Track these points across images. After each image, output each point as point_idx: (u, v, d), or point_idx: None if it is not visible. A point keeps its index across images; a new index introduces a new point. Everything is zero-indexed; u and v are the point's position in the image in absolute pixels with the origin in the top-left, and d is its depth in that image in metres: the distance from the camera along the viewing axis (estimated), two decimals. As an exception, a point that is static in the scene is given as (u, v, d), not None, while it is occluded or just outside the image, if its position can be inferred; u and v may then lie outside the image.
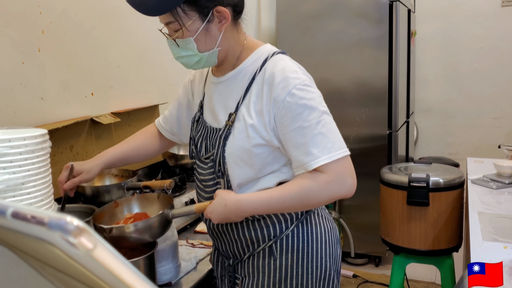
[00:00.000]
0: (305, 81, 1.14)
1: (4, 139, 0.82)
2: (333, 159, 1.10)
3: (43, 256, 0.36)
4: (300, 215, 1.26)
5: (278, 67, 1.16)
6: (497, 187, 2.18)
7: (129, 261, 0.32)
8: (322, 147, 1.10)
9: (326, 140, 1.10)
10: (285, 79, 1.13)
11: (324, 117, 1.12)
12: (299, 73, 1.15)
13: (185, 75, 2.61)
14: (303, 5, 3.27)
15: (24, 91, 1.67)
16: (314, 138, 1.10)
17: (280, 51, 1.24)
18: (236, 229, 1.27)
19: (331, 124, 1.13)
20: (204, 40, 1.15)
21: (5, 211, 0.31)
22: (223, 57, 1.22)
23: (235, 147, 1.19)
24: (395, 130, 3.16)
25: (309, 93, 1.13)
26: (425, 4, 4.03)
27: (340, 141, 1.13)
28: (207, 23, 1.13)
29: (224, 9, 1.13)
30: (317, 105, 1.12)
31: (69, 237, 0.29)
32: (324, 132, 1.11)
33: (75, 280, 0.36)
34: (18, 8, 1.63)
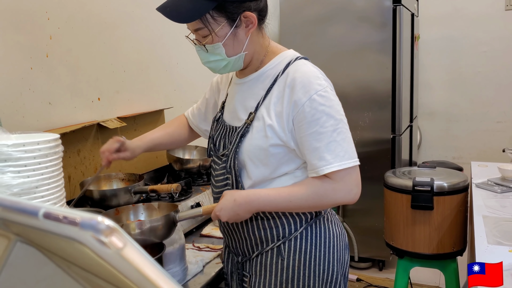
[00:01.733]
0: (326, 88, 1.17)
1: (19, 143, 0.84)
2: (344, 167, 1.14)
3: (70, 256, 0.37)
4: (309, 218, 1.29)
5: (301, 71, 1.20)
6: (502, 191, 2.19)
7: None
8: (335, 155, 1.14)
9: (340, 148, 1.15)
10: (307, 84, 1.16)
11: (340, 126, 1.16)
12: (321, 79, 1.19)
13: (190, 80, 2.63)
14: (306, 10, 3.29)
15: (33, 96, 1.69)
16: (328, 145, 1.14)
17: (303, 57, 1.28)
18: (246, 227, 1.30)
19: (346, 134, 1.18)
20: (232, 44, 1.20)
21: (38, 212, 0.32)
22: (249, 60, 1.27)
23: (252, 145, 1.23)
24: (399, 134, 3.17)
25: (329, 101, 1.16)
26: (429, 8, 4.05)
27: (352, 151, 1.18)
28: (235, 28, 1.18)
29: (252, 14, 1.19)
30: (335, 113, 1.16)
31: (100, 236, 0.30)
32: (339, 141, 1.15)
33: (101, 279, 0.37)
34: (26, 14, 1.65)
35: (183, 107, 2.61)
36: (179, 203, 1.89)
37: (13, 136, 0.96)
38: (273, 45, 1.31)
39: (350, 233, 3.28)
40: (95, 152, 1.92)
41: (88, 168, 1.89)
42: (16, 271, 0.39)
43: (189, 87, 2.66)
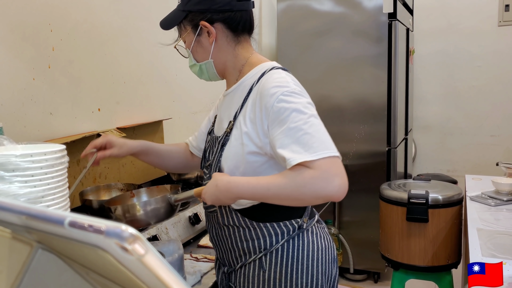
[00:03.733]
0: (294, 90, 1.18)
1: (27, 154, 0.86)
2: (320, 157, 1.09)
3: (90, 262, 0.39)
4: (292, 230, 1.29)
5: (271, 78, 1.22)
6: (496, 204, 2.22)
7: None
8: (309, 146, 1.10)
9: (314, 140, 1.11)
10: (274, 87, 1.18)
11: (311, 119, 1.14)
12: (290, 83, 1.19)
13: (189, 92, 2.66)
14: (303, 23, 3.34)
15: (34, 107, 1.71)
16: (300, 138, 1.11)
17: (280, 67, 1.29)
18: (230, 238, 1.32)
19: (318, 126, 1.14)
20: (197, 51, 1.33)
21: (63, 220, 0.34)
22: (222, 68, 1.35)
23: (231, 153, 1.26)
24: (394, 147, 3.20)
25: (296, 99, 1.16)
26: (423, 23, 4.11)
27: (328, 142, 1.13)
28: (197, 36, 1.31)
29: (207, 24, 1.28)
30: (303, 108, 1.15)
31: (124, 243, 0.32)
32: (311, 132, 1.12)
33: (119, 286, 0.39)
34: (30, 26, 1.67)
35: (182, 118, 2.64)
36: (177, 214, 1.91)
37: (20, 147, 0.98)
38: (255, 57, 1.35)
39: (346, 245, 3.30)
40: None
41: (87, 178, 1.91)
42: (37, 277, 0.41)
43: (188, 98, 2.69)
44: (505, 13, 3.85)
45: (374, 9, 3.12)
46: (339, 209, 3.36)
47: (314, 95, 1.26)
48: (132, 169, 2.17)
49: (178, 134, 2.61)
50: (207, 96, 2.87)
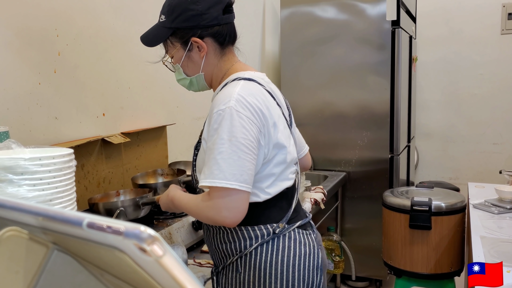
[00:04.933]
0: (229, 109, 1.18)
1: (35, 157, 0.86)
2: (213, 185, 1.15)
3: (105, 264, 0.39)
4: (266, 235, 1.30)
5: (221, 92, 1.27)
6: (499, 212, 2.22)
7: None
8: (210, 172, 1.15)
9: (216, 167, 1.15)
10: (214, 103, 1.23)
11: (225, 146, 1.16)
12: (231, 100, 1.20)
13: (192, 98, 2.67)
14: (307, 30, 3.35)
15: (40, 111, 1.72)
16: (209, 161, 1.17)
17: (244, 77, 1.30)
18: (213, 240, 1.37)
19: (230, 154, 1.15)
20: (187, 66, 1.37)
21: (82, 222, 0.35)
22: (209, 80, 1.40)
23: (199, 159, 1.32)
24: (397, 154, 3.20)
25: (222, 120, 1.18)
26: (426, 31, 4.12)
27: (230, 172, 1.15)
28: (188, 52, 1.34)
29: (198, 40, 1.31)
30: (223, 132, 1.16)
31: (143, 244, 0.33)
32: (218, 159, 1.15)
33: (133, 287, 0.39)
34: (36, 31, 1.69)
35: (185, 124, 2.65)
36: (180, 218, 1.91)
37: (28, 150, 0.98)
38: (234, 68, 1.38)
39: (348, 252, 3.29)
40: (99, 166, 1.95)
41: (91, 183, 1.91)
42: (52, 278, 0.41)
43: (191, 104, 2.70)
44: (508, 22, 3.86)
45: (378, 16, 3.13)
46: (342, 216, 3.36)
47: (317, 102, 1.27)
48: (135, 174, 2.17)
49: (181, 139, 2.61)
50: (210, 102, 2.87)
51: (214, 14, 1.32)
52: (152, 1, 2.30)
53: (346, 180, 3.30)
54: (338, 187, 3.14)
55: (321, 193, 2.53)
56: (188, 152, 2.69)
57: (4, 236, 0.40)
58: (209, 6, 1.31)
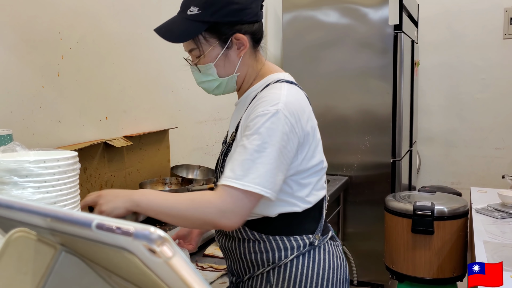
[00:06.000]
0: (277, 112, 1.11)
1: (40, 160, 0.87)
2: (242, 187, 1.05)
3: (113, 265, 0.39)
4: (302, 246, 1.25)
5: (268, 92, 1.18)
6: (502, 216, 2.21)
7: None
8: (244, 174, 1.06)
9: (253, 170, 1.06)
10: (262, 102, 1.14)
11: (269, 151, 1.08)
12: (279, 103, 1.13)
13: (195, 101, 2.67)
14: (309, 34, 3.36)
15: (43, 114, 1.72)
16: (244, 161, 1.07)
17: (287, 80, 1.24)
18: (239, 248, 1.29)
19: (269, 159, 1.08)
20: (223, 65, 1.23)
21: (91, 223, 0.35)
22: (241, 82, 1.29)
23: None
24: (399, 158, 3.20)
25: (270, 122, 1.10)
26: (428, 36, 4.13)
27: (266, 180, 1.07)
28: (226, 50, 1.21)
29: (243, 36, 1.21)
30: (268, 137, 1.09)
31: (153, 245, 0.33)
32: (257, 163, 1.07)
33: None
34: (40, 35, 1.69)
35: (188, 127, 2.65)
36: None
37: (32, 153, 0.98)
38: (266, 68, 1.31)
39: (350, 256, 3.28)
40: (101, 170, 1.95)
41: (93, 186, 1.91)
42: (60, 279, 0.41)
43: (194, 108, 2.70)
44: (510, 26, 3.87)
45: (380, 21, 3.13)
46: (343, 220, 3.35)
47: (319, 105, 1.26)
48: (138, 177, 2.17)
49: (183, 143, 2.62)
50: (213, 106, 2.88)
51: (255, 9, 1.23)
52: (155, 5, 2.31)
53: (348, 185, 3.30)
54: (340, 192, 3.14)
55: (323, 197, 2.53)
56: (191, 156, 2.69)
57: (13, 237, 0.40)
58: (252, 0, 1.21)
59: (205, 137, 2.83)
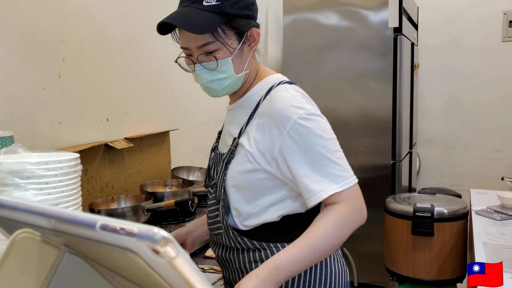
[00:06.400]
0: (309, 110, 1.11)
1: (42, 161, 0.87)
2: (347, 186, 1.06)
3: (116, 266, 0.40)
4: None
5: (281, 97, 1.14)
6: (501, 218, 2.22)
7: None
8: (334, 175, 1.06)
9: (338, 168, 1.07)
10: (287, 109, 1.10)
11: (333, 145, 1.10)
12: (303, 102, 1.13)
13: (195, 103, 2.68)
14: (309, 37, 3.36)
15: (44, 116, 1.72)
16: (324, 167, 1.06)
17: (287, 81, 1.22)
18: (237, 259, 1.24)
19: (340, 152, 1.11)
20: (239, 61, 1.17)
21: (95, 224, 0.35)
22: (243, 82, 1.23)
23: (236, 171, 1.18)
24: (399, 160, 3.20)
25: (314, 122, 1.10)
26: (428, 38, 4.14)
27: (349, 168, 1.11)
28: (242, 44, 1.16)
29: (258, 31, 1.19)
30: (324, 133, 1.10)
31: (157, 246, 0.33)
32: (335, 160, 1.08)
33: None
34: (42, 37, 1.70)
35: (188, 129, 2.66)
36: (183, 224, 1.91)
37: (34, 155, 0.99)
38: (262, 69, 1.27)
39: (350, 258, 3.29)
40: (102, 171, 1.95)
41: (94, 188, 1.91)
42: (64, 279, 0.42)
43: (195, 110, 2.71)
44: (509, 29, 3.88)
45: (380, 23, 3.14)
46: (343, 222, 3.35)
47: (319, 108, 1.23)
48: (138, 179, 2.18)
49: (184, 145, 2.62)
50: (214, 108, 2.89)
51: (256, 6, 1.22)
52: (156, 7, 2.32)
53: (348, 186, 3.29)
54: (340, 193, 3.13)
55: (324, 199, 2.53)
56: (191, 158, 2.69)
57: (18, 238, 0.40)
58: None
59: (205, 139, 2.83)
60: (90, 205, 1.76)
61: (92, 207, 1.75)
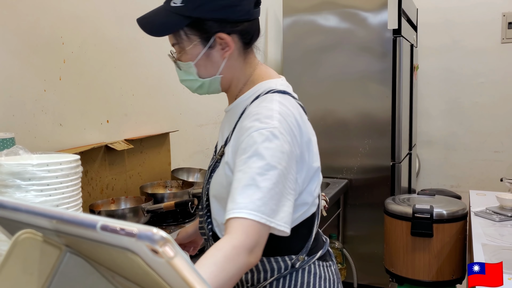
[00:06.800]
0: (273, 130, 0.98)
1: (43, 163, 0.88)
2: (254, 218, 0.89)
3: (116, 265, 0.41)
4: (284, 268, 1.13)
5: (259, 107, 1.05)
6: (500, 219, 2.22)
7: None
8: (249, 200, 0.90)
9: (258, 196, 0.91)
10: (253, 121, 1.01)
11: (271, 173, 0.93)
12: (274, 118, 1.00)
13: (195, 105, 2.69)
14: (309, 38, 3.38)
15: (45, 118, 1.73)
16: (245, 188, 0.92)
17: (278, 90, 1.12)
18: None
19: (275, 185, 0.93)
20: (205, 65, 1.12)
21: (96, 224, 0.36)
22: (227, 85, 1.18)
23: (216, 181, 1.13)
24: (398, 161, 3.21)
25: (267, 141, 0.97)
26: (427, 40, 4.15)
27: (273, 209, 0.92)
28: (208, 49, 1.10)
29: (227, 36, 1.09)
30: (270, 157, 0.95)
31: (155, 245, 0.34)
32: (261, 187, 0.92)
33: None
34: (42, 39, 1.71)
35: (188, 131, 2.67)
36: (183, 225, 1.92)
37: (34, 156, 1.00)
38: (258, 73, 1.18)
39: (350, 259, 3.29)
40: (102, 173, 1.96)
41: (94, 189, 1.92)
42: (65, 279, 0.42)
43: (195, 111, 2.72)
44: (508, 31, 3.89)
45: (379, 25, 3.15)
46: (343, 223, 3.36)
47: (319, 109, 1.21)
48: (138, 180, 2.19)
49: (184, 146, 2.63)
50: (214, 109, 2.90)
51: (247, 7, 1.10)
52: (156, 9, 2.33)
53: (348, 188, 3.31)
54: (340, 195, 3.15)
55: (323, 200, 2.54)
56: (191, 159, 2.70)
57: (20, 238, 0.41)
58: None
59: (205, 140, 2.84)
60: (90, 206, 1.77)
61: (92, 208, 1.75)
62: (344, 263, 3.14)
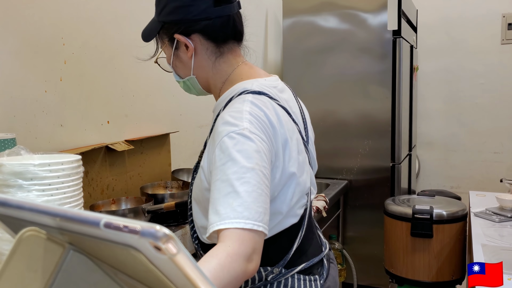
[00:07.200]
0: (243, 130, 0.95)
1: (45, 163, 0.89)
2: (238, 226, 0.85)
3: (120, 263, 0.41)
4: (257, 280, 1.07)
5: (230, 108, 1.02)
6: (500, 220, 2.23)
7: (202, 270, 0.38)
8: (231, 209, 0.87)
9: (238, 202, 0.87)
10: (223, 124, 0.98)
11: (249, 176, 0.90)
12: (244, 119, 0.97)
13: (196, 106, 2.69)
14: (308, 40, 3.38)
15: (46, 118, 1.74)
16: (226, 196, 0.88)
17: (252, 91, 1.08)
18: None
19: (254, 186, 0.90)
20: (180, 66, 1.21)
21: (99, 222, 0.37)
22: (206, 85, 1.22)
23: (196, 184, 1.12)
24: (398, 162, 3.22)
25: (239, 144, 0.93)
26: (427, 41, 4.16)
27: (256, 210, 0.88)
28: (175, 50, 1.17)
29: (182, 36, 1.13)
30: (244, 159, 0.91)
31: (158, 242, 0.34)
32: (241, 192, 0.88)
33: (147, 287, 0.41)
34: (43, 40, 1.72)
35: (188, 132, 2.67)
36: (184, 225, 1.92)
37: (36, 156, 1.00)
38: (238, 73, 1.16)
39: (349, 260, 3.30)
40: (103, 174, 1.96)
41: (95, 190, 1.93)
42: (68, 277, 0.43)
43: (195, 112, 2.72)
44: (508, 32, 3.89)
45: (379, 26, 3.16)
46: (343, 224, 3.37)
47: (319, 110, 1.21)
48: (139, 181, 2.19)
49: (184, 147, 2.63)
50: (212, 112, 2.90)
51: (202, 6, 1.10)
52: (157, 10, 2.33)
53: (348, 188, 3.31)
54: (340, 195, 3.15)
55: (323, 201, 2.55)
56: (191, 160, 2.70)
57: (24, 236, 0.42)
58: None
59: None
60: (91, 207, 1.77)
61: (93, 209, 1.76)
62: (344, 264, 3.14)
